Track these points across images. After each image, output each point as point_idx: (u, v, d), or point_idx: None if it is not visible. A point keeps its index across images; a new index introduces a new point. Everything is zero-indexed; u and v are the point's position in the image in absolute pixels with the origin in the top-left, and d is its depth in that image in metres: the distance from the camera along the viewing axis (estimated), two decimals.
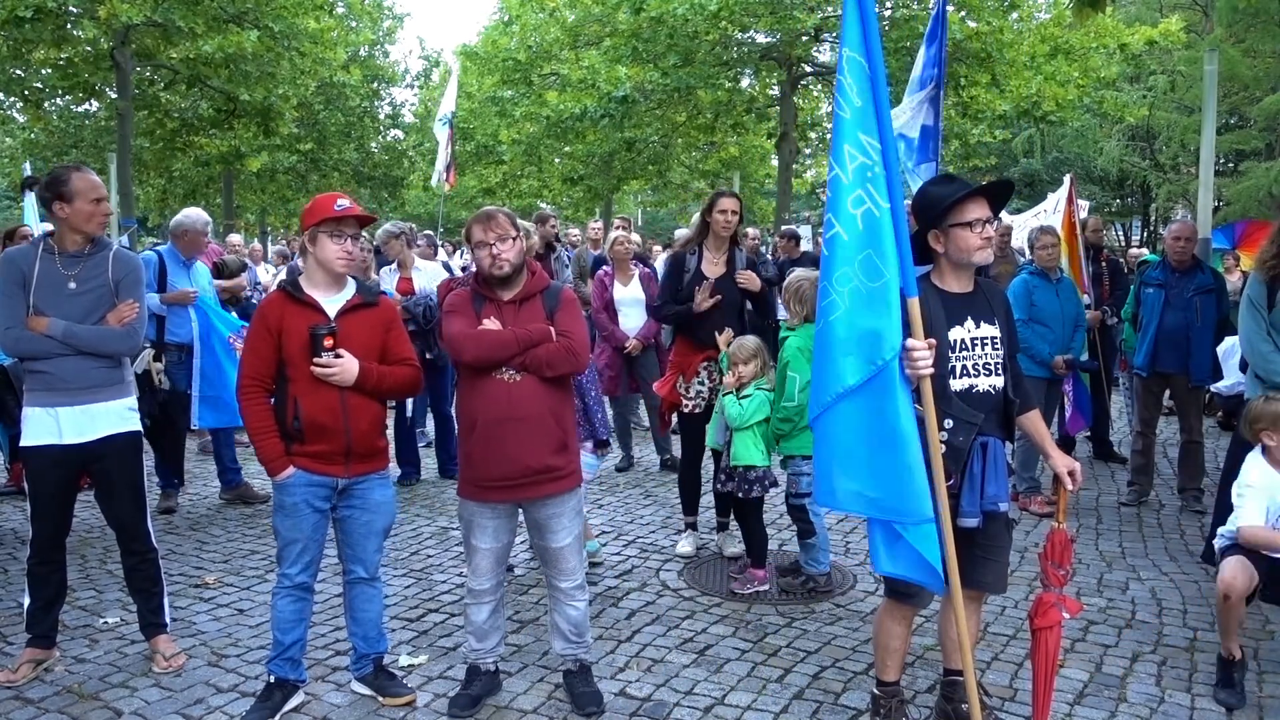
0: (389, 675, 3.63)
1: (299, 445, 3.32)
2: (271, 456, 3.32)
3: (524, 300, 3.43)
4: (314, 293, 3.39)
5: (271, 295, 3.46)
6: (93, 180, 3.67)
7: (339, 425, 3.32)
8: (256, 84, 15.92)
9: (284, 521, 3.38)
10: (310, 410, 3.29)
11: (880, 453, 2.75)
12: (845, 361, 2.77)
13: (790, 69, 15.73)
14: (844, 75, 2.75)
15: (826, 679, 3.76)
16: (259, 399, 3.34)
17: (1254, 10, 10.70)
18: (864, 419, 2.77)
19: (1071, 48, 14.13)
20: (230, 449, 6.40)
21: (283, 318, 3.32)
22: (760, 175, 26.03)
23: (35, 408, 3.63)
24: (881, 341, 2.72)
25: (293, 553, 3.40)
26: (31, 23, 12.63)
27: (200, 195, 21.83)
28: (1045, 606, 3.04)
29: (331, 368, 3.27)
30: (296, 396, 3.30)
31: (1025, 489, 6.17)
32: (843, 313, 2.77)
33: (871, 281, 2.73)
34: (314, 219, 3.36)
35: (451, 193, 16.43)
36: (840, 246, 2.78)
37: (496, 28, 20.93)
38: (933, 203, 3.06)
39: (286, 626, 3.44)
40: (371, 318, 3.45)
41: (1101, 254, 7.76)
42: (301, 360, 3.28)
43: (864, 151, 2.73)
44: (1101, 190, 26.92)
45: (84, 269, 3.67)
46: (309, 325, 3.29)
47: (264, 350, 3.32)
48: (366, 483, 3.46)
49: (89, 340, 3.62)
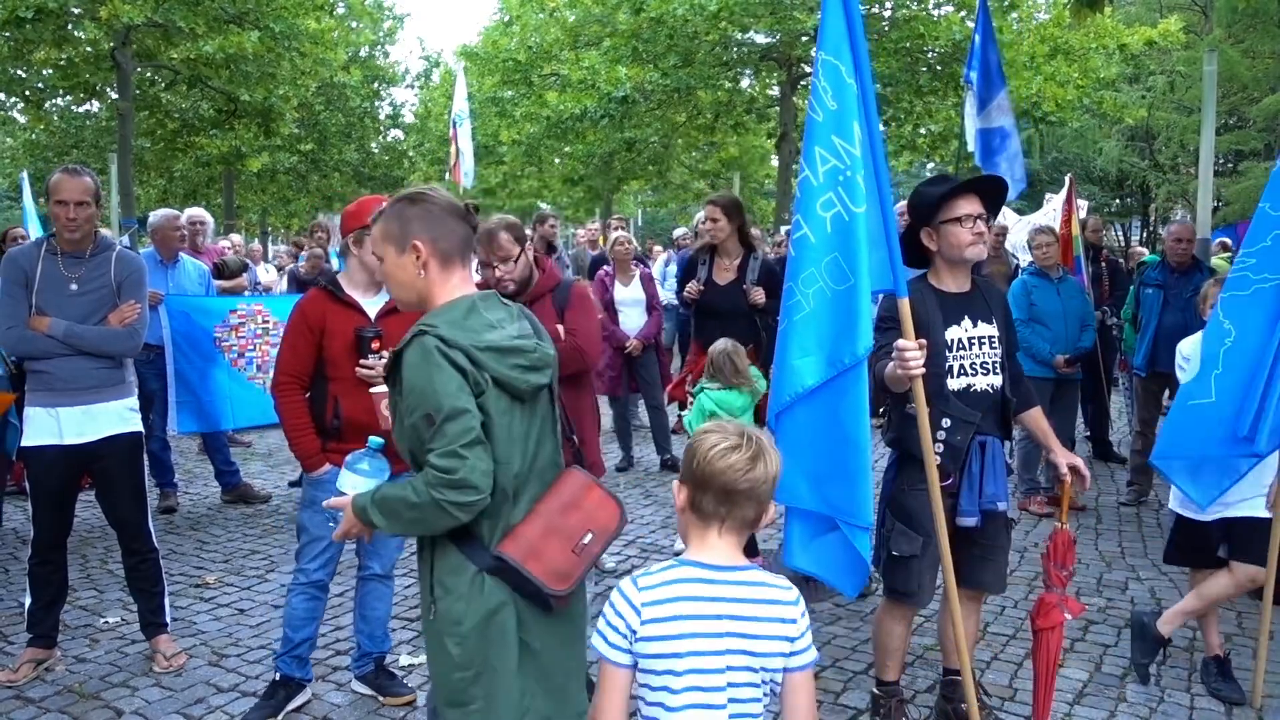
0: (389, 675, 3.64)
1: (335, 443, 3.33)
2: (309, 453, 3.34)
3: (534, 300, 3.44)
4: (354, 293, 3.41)
5: (312, 293, 3.47)
6: (65, 182, 3.59)
7: (378, 425, 3.33)
8: (257, 84, 15.93)
9: (313, 518, 3.39)
10: (351, 410, 3.30)
11: (836, 453, 2.77)
12: (804, 362, 2.78)
13: (790, 69, 15.73)
14: (819, 78, 2.75)
15: (826, 679, 3.76)
16: (295, 395, 3.35)
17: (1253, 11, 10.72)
18: (823, 419, 2.78)
19: (1071, 48, 14.13)
20: (224, 452, 6.39)
21: (325, 317, 3.33)
22: (760, 175, 26.04)
23: (36, 408, 3.64)
24: (844, 345, 2.72)
25: (315, 549, 3.41)
26: (32, 23, 12.62)
27: (201, 195, 21.81)
28: (1048, 607, 3.03)
29: (378, 369, 3.28)
30: (337, 395, 3.31)
31: (1025, 489, 6.17)
32: (807, 313, 2.78)
33: (837, 285, 2.73)
34: (360, 222, 3.37)
35: (451, 193, 16.41)
36: (807, 248, 2.78)
37: (496, 28, 20.92)
38: (924, 200, 3.07)
39: (298, 624, 3.45)
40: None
41: (1101, 254, 7.76)
42: (345, 361, 3.30)
43: (836, 154, 2.72)
44: (1101, 190, 26.89)
45: (86, 270, 3.67)
46: (355, 327, 3.30)
47: (303, 348, 3.32)
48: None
49: (90, 340, 3.61)
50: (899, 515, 3.12)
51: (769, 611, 1.79)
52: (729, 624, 1.77)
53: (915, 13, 14.66)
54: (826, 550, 2.89)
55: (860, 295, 2.70)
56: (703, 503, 1.80)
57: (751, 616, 1.78)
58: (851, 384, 2.73)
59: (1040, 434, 3.21)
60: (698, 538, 1.84)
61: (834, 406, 2.75)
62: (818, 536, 2.89)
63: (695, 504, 1.81)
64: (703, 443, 1.81)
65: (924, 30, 13.99)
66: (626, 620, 1.77)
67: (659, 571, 1.82)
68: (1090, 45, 14.17)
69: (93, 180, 3.71)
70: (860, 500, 2.74)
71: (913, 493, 3.05)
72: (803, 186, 2.80)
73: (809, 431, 2.82)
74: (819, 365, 2.76)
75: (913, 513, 3.06)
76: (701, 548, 1.83)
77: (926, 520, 2.94)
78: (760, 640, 1.78)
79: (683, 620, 1.76)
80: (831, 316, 2.74)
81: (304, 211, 25.40)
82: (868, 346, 2.71)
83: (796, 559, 2.94)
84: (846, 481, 2.75)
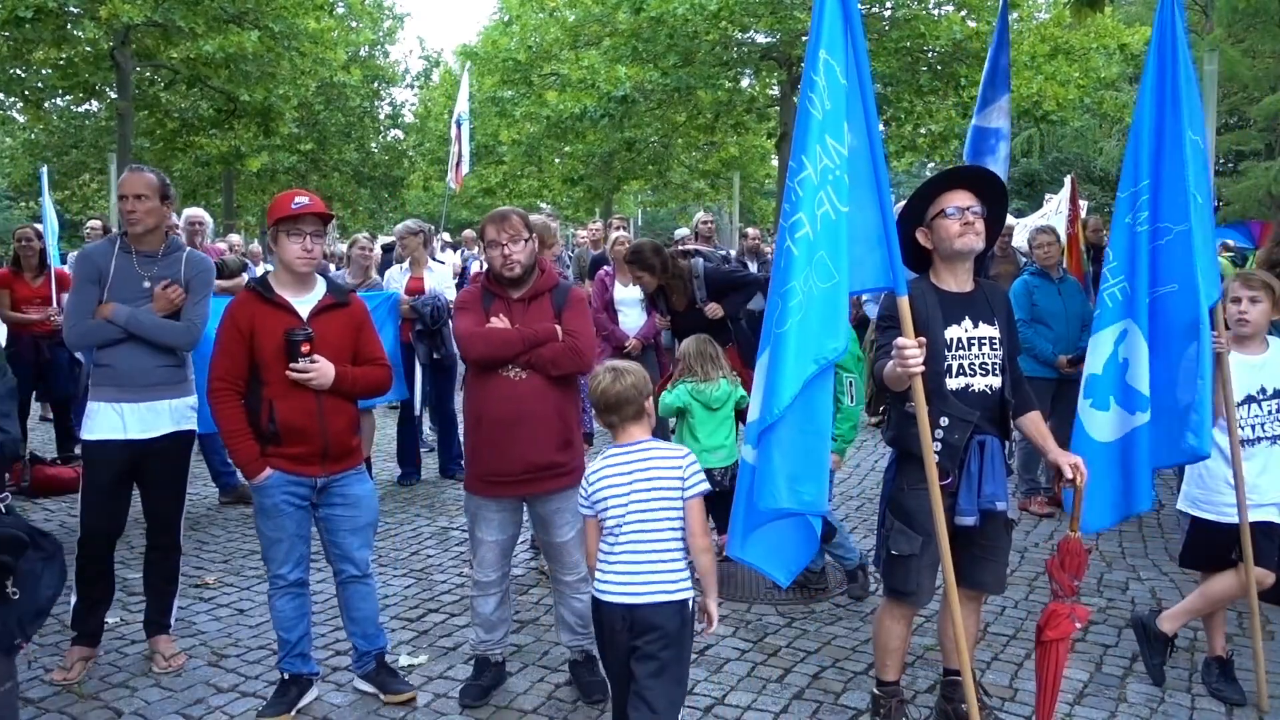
0: (391, 672, 3.64)
1: (275, 448, 3.30)
2: (248, 459, 3.30)
3: (533, 298, 3.46)
4: (284, 293, 3.35)
5: (241, 295, 3.43)
6: (126, 178, 3.75)
7: (315, 428, 3.31)
8: (257, 84, 15.93)
9: (266, 523, 3.38)
10: (286, 413, 3.27)
11: (811, 448, 2.78)
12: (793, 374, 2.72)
13: (790, 69, 15.73)
14: (817, 75, 2.73)
15: (826, 679, 3.76)
16: (231, 400, 3.30)
17: (1254, 10, 10.71)
18: (801, 417, 2.78)
19: (1071, 48, 14.14)
20: (219, 454, 6.37)
21: (254, 319, 3.28)
22: (760, 175, 26.05)
23: (101, 403, 3.67)
24: (826, 341, 2.72)
25: (280, 552, 3.40)
26: (32, 23, 12.63)
27: (200, 195, 21.83)
28: (1059, 618, 2.98)
29: (309, 373, 3.25)
30: (272, 400, 3.27)
31: (1025, 490, 6.17)
32: (796, 321, 2.73)
33: (823, 282, 2.74)
34: (272, 218, 3.33)
35: (451, 193, 16.41)
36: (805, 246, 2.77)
37: (496, 28, 20.94)
38: (914, 200, 3.08)
39: (289, 625, 3.45)
40: (343, 317, 3.43)
41: (1102, 254, 7.75)
42: (276, 364, 3.25)
43: (828, 154, 2.73)
44: (1101, 190, 26.89)
45: (159, 269, 3.74)
46: (285, 330, 3.25)
47: (236, 351, 3.28)
48: (345, 479, 3.46)
49: (150, 328, 3.66)
50: (898, 515, 3.11)
51: (661, 462, 2.81)
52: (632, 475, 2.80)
53: (915, 12, 14.66)
54: (767, 540, 2.90)
55: (840, 293, 2.74)
56: (606, 418, 2.90)
57: (643, 471, 2.80)
58: (825, 379, 2.79)
59: (1038, 437, 3.18)
60: (614, 436, 2.92)
61: (810, 402, 2.76)
62: (759, 528, 2.89)
63: (604, 420, 2.92)
64: (592, 381, 2.92)
65: (924, 30, 14.00)
66: (582, 491, 2.88)
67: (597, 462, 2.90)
68: (1090, 45, 14.18)
69: (156, 176, 3.77)
70: (822, 490, 2.80)
71: (912, 492, 3.04)
72: (804, 184, 2.79)
73: (797, 429, 2.80)
74: (805, 364, 2.76)
75: (912, 512, 3.06)
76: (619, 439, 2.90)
77: (926, 520, 2.94)
78: (658, 479, 2.79)
79: (603, 482, 2.82)
80: (817, 313, 2.74)
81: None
82: (845, 343, 2.75)
83: (740, 549, 2.92)
84: (817, 476, 2.78)
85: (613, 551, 2.80)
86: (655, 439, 2.92)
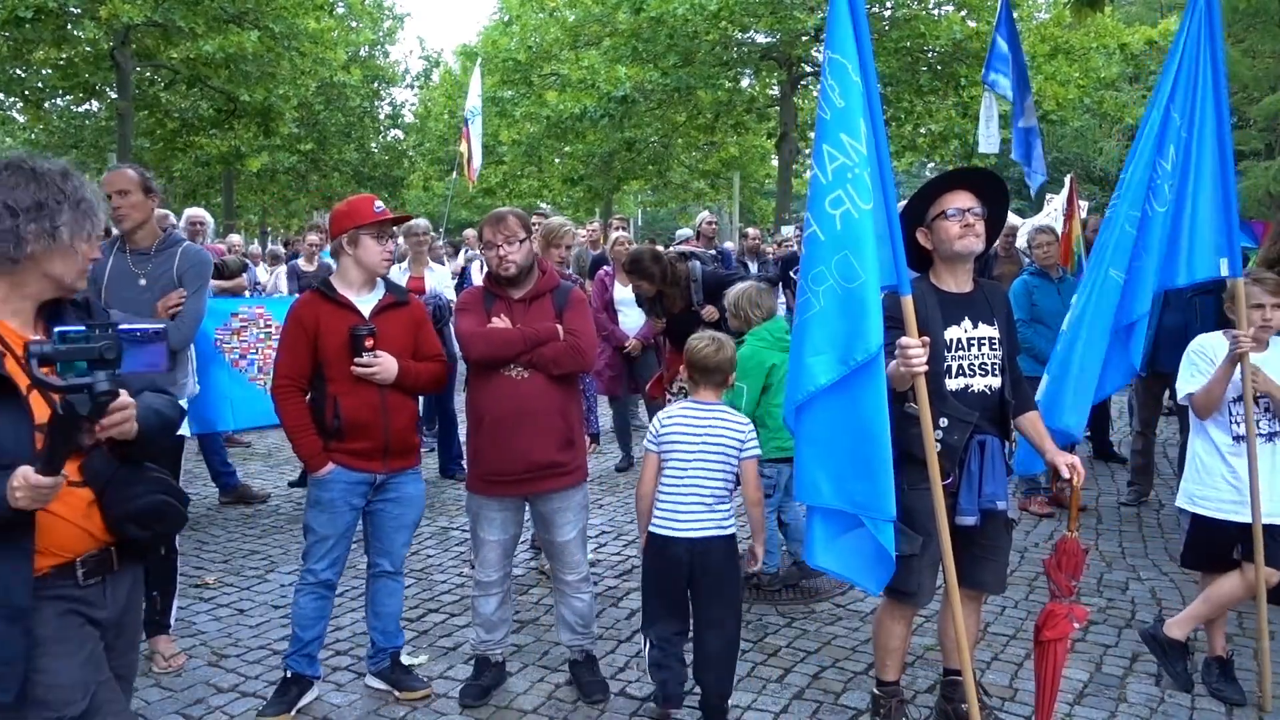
0: (405, 670, 3.66)
1: (338, 443, 3.35)
2: (311, 453, 3.36)
3: (534, 299, 3.48)
4: (347, 293, 3.42)
5: (305, 296, 3.50)
6: (107, 176, 3.79)
7: (379, 423, 3.37)
8: (257, 84, 15.94)
9: (319, 517, 3.40)
10: (351, 408, 3.32)
11: (857, 449, 2.77)
12: (816, 360, 2.78)
13: (790, 69, 15.75)
14: (827, 77, 2.76)
15: (826, 679, 3.76)
16: (295, 397, 3.38)
17: (1254, 10, 10.68)
18: (841, 416, 2.79)
19: (1071, 48, 14.15)
20: (220, 453, 6.38)
21: (319, 318, 3.35)
22: (760, 175, 26.07)
23: None
24: (856, 342, 2.72)
25: (322, 549, 3.42)
26: (32, 23, 12.65)
27: (200, 195, 21.84)
28: (1057, 618, 2.98)
29: (373, 367, 3.31)
30: (336, 395, 3.33)
31: (1026, 490, 6.17)
32: (817, 312, 2.78)
33: (848, 282, 2.73)
34: (355, 222, 3.39)
35: (452, 192, 16.42)
36: (818, 246, 2.79)
37: (496, 28, 20.97)
38: (915, 200, 3.09)
39: (307, 623, 3.46)
40: (404, 316, 3.50)
41: None
42: (341, 360, 3.31)
43: (844, 152, 2.73)
44: (1101, 190, 26.85)
45: (154, 265, 3.76)
46: (349, 326, 3.32)
47: (300, 350, 3.35)
48: (402, 477, 3.51)
49: None
50: (899, 514, 3.11)
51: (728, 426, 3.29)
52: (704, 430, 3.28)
53: (915, 12, 14.68)
54: (849, 548, 2.90)
55: (870, 292, 2.71)
56: (694, 375, 3.39)
57: (714, 428, 3.28)
58: (870, 379, 2.74)
59: (1036, 437, 3.19)
60: (692, 391, 3.42)
61: (854, 402, 2.76)
62: (841, 535, 2.89)
63: (690, 377, 3.42)
64: (695, 342, 3.40)
65: (924, 30, 14.01)
66: (653, 429, 3.35)
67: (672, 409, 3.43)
68: (1091, 45, 14.19)
69: (136, 171, 3.80)
70: (882, 493, 2.74)
71: (913, 492, 3.04)
72: (813, 184, 2.81)
73: (828, 430, 2.83)
74: (831, 363, 2.77)
75: (912, 512, 3.05)
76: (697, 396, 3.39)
77: (926, 520, 2.94)
78: (723, 438, 3.27)
79: (677, 429, 3.30)
80: (842, 314, 2.75)
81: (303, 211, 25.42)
82: (879, 343, 2.72)
83: (819, 558, 2.94)
84: (868, 476, 2.75)
85: (677, 491, 3.24)
86: (723, 404, 3.41)
